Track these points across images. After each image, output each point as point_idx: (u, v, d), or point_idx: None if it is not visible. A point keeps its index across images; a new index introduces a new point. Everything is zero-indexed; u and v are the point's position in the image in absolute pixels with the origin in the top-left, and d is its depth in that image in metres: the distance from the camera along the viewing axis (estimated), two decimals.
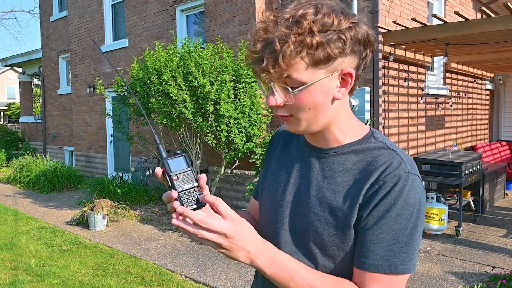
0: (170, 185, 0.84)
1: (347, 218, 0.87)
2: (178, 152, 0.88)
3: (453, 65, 7.13)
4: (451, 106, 7.21)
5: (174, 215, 0.83)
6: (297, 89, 0.83)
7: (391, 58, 5.38)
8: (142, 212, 6.60)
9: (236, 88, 5.47)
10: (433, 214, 4.86)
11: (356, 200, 0.86)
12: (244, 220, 0.85)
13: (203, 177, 0.87)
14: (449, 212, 5.12)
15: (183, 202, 0.83)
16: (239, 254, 0.83)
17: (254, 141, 5.64)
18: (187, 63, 5.30)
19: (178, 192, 0.83)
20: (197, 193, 0.85)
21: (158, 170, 0.87)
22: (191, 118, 5.38)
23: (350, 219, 0.87)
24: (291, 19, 0.80)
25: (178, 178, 0.84)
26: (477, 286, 3.56)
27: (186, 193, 0.83)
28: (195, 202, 0.84)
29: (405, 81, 5.93)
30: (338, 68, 0.84)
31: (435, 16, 5.05)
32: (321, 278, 0.87)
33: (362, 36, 0.83)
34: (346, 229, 0.88)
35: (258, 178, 1.13)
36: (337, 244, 0.89)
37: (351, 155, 0.92)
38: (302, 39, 0.79)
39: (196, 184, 0.85)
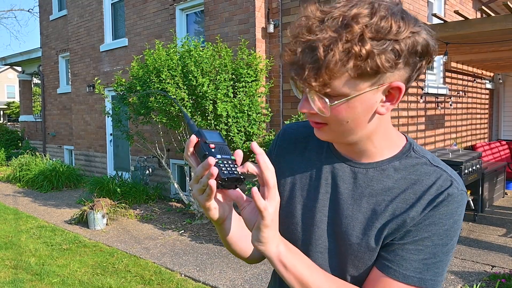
0: (206, 152, 0.75)
1: (388, 239, 0.80)
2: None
3: (453, 64, 7.13)
4: (450, 105, 7.21)
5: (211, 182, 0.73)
6: (336, 102, 0.73)
7: None
8: (142, 211, 6.61)
9: (236, 87, 5.47)
10: None
11: (404, 223, 0.79)
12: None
13: (239, 153, 0.78)
14: None
15: (223, 170, 0.73)
16: (271, 232, 0.77)
17: (253, 140, 5.64)
18: (186, 62, 5.30)
19: (216, 159, 0.73)
20: (234, 166, 0.75)
21: (193, 139, 0.77)
22: (190, 117, 5.38)
23: (391, 240, 0.81)
24: (340, 20, 0.69)
25: (215, 147, 0.76)
26: (476, 285, 3.56)
27: (225, 162, 0.74)
28: (235, 172, 0.74)
29: None
30: (386, 81, 0.72)
31: (435, 15, 5.05)
32: (342, 285, 0.82)
33: (421, 47, 0.71)
34: (386, 248, 0.81)
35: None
36: (373, 262, 0.83)
37: (391, 172, 0.83)
38: (350, 47, 0.67)
39: (233, 157, 0.77)
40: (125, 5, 8.31)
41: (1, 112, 33.64)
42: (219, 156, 0.74)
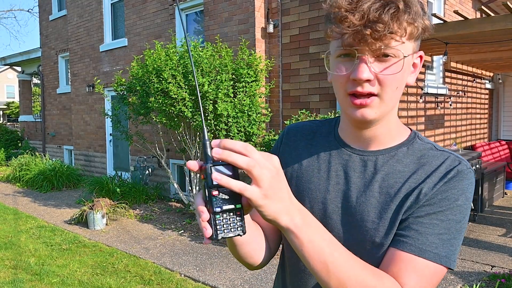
0: (207, 199, 0.67)
1: (403, 217, 0.81)
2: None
3: (453, 64, 7.13)
4: (450, 105, 7.22)
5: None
6: (408, 55, 0.78)
7: None
8: (142, 211, 6.60)
9: (236, 87, 5.47)
10: None
11: (417, 200, 0.80)
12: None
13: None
14: None
15: (218, 228, 0.66)
16: (280, 206, 0.68)
17: (253, 140, 5.64)
18: (186, 62, 5.30)
19: (213, 214, 0.66)
20: (238, 219, 0.67)
21: (193, 165, 0.67)
22: (191, 117, 5.38)
23: (404, 217, 0.81)
24: None
25: (218, 194, 0.66)
26: (476, 285, 3.56)
27: (225, 216, 0.66)
28: (231, 230, 0.67)
29: None
30: (417, 49, 0.81)
31: (434, 15, 5.05)
32: (363, 266, 0.76)
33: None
34: (400, 225, 0.82)
35: None
36: (388, 244, 0.82)
37: (401, 157, 0.86)
38: (417, 6, 0.75)
39: (240, 205, 0.68)
40: (125, 5, 8.31)
41: (1, 112, 33.63)
42: (218, 210, 0.65)
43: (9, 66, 23.09)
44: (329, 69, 0.83)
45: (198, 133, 5.93)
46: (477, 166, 5.57)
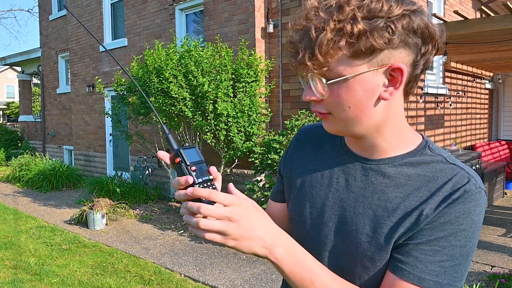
0: (188, 174, 0.76)
1: (401, 239, 0.76)
2: (187, 144, 0.82)
3: (453, 64, 7.13)
4: (450, 105, 7.22)
5: (184, 209, 0.73)
6: (331, 81, 0.73)
7: None
8: (141, 211, 6.61)
9: (236, 87, 5.47)
10: None
11: (417, 221, 0.75)
12: (250, 204, 0.74)
13: (213, 169, 0.79)
14: None
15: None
16: (252, 243, 0.71)
17: (253, 140, 5.64)
18: (187, 62, 5.31)
19: (197, 184, 0.74)
20: (214, 187, 0.77)
21: (164, 155, 0.79)
22: (191, 117, 5.38)
23: (405, 240, 0.76)
24: (334, 5, 0.71)
25: (196, 170, 0.75)
26: (476, 285, 3.56)
27: (205, 185, 0.75)
28: None
29: None
30: (385, 62, 0.72)
31: (434, 15, 5.05)
32: None
33: (418, 26, 0.71)
34: (400, 249, 0.77)
35: (276, 182, 1.05)
36: (385, 265, 0.78)
37: (404, 168, 0.80)
38: (342, 26, 0.69)
39: (211, 176, 0.78)
40: (125, 5, 8.31)
41: (1, 112, 33.63)
42: (200, 180, 0.75)
43: (9, 66, 23.10)
44: (301, 81, 0.84)
45: (198, 133, 5.93)
46: (477, 166, 5.56)
